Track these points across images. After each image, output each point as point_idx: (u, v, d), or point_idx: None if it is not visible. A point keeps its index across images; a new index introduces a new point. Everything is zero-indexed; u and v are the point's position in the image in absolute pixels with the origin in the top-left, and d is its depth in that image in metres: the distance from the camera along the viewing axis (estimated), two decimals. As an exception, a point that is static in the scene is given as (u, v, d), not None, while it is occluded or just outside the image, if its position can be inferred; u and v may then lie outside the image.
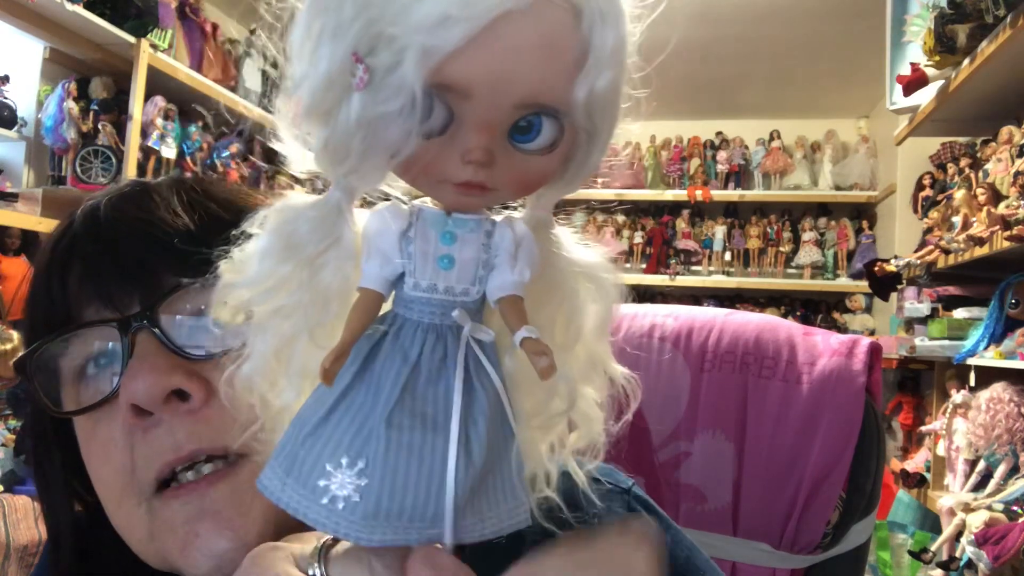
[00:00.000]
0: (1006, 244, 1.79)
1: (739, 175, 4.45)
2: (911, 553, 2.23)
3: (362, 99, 0.31)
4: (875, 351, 0.86)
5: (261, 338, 0.36)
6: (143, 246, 0.54)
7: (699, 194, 4.35)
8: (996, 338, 2.02)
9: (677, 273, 4.40)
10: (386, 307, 0.36)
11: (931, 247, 2.30)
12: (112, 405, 0.53)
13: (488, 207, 0.36)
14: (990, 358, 1.99)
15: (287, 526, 0.48)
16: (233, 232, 0.37)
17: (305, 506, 0.33)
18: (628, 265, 4.42)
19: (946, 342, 2.27)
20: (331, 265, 0.35)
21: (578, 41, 0.31)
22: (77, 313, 0.55)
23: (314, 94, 0.32)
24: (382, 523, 0.32)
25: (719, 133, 4.58)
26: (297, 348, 0.36)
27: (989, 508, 1.86)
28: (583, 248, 0.40)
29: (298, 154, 0.36)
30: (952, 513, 1.98)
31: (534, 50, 0.30)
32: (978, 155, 2.30)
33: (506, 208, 0.39)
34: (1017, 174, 1.88)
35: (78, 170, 2.46)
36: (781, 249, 4.36)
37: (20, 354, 0.56)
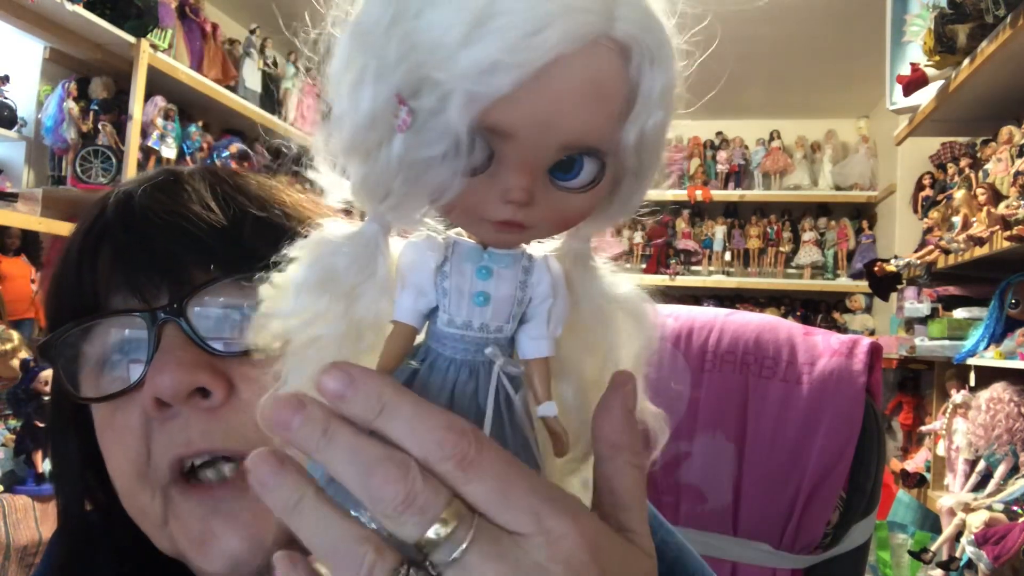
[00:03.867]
0: (1006, 244, 1.79)
1: (739, 175, 4.45)
2: (911, 553, 2.23)
3: (405, 141, 0.30)
4: (875, 351, 0.86)
5: (296, 368, 0.36)
6: (175, 239, 0.54)
7: (699, 194, 4.34)
8: (996, 338, 2.02)
9: (677, 273, 4.40)
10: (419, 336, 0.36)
11: (931, 247, 2.30)
12: (132, 394, 0.53)
13: (526, 242, 0.35)
14: (990, 358, 1.99)
15: None
16: (273, 257, 0.36)
17: None
18: (628, 265, 4.41)
19: (946, 342, 2.27)
20: (366, 297, 0.35)
21: (626, 83, 0.31)
22: (105, 301, 0.55)
23: (356, 133, 0.32)
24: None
25: (719, 133, 4.58)
26: None
27: (989, 508, 1.86)
28: (622, 280, 0.39)
29: (335, 184, 0.36)
30: (952, 513, 1.98)
31: (582, 94, 0.30)
32: (978, 155, 2.30)
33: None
34: (1017, 174, 1.88)
35: (78, 170, 2.46)
36: (781, 249, 4.36)
37: (44, 338, 0.57)
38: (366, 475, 0.31)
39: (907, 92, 2.31)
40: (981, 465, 2.05)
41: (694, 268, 4.47)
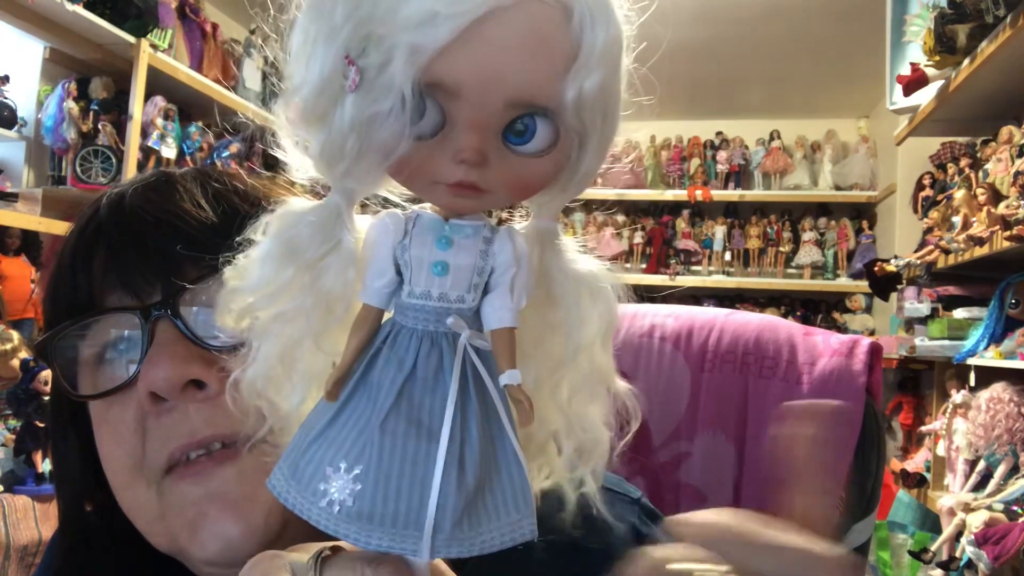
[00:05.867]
0: (1006, 244, 1.79)
1: (739, 175, 4.45)
2: (911, 553, 2.23)
3: (355, 100, 0.31)
4: (875, 351, 0.85)
5: (265, 343, 0.36)
6: (167, 237, 0.55)
7: (699, 194, 4.35)
8: (996, 338, 2.02)
9: (677, 273, 4.40)
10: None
11: (931, 247, 2.30)
12: (127, 390, 0.54)
13: (486, 212, 0.36)
14: (990, 358, 1.99)
15: (295, 515, 0.49)
16: (237, 239, 0.37)
17: (307, 508, 0.34)
18: (628, 265, 4.42)
19: (946, 342, 2.27)
20: (332, 269, 0.35)
21: (568, 40, 0.31)
22: (99, 299, 0.56)
23: (309, 98, 0.32)
24: (377, 528, 0.33)
25: (719, 133, 4.58)
26: (301, 353, 0.36)
27: (989, 508, 1.86)
28: (586, 258, 0.39)
29: (299, 161, 0.36)
30: (952, 513, 1.98)
31: (523, 47, 0.30)
32: (978, 155, 2.30)
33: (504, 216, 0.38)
34: (1017, 174, 1.88)
35: (78, 170, 2.46)
36: (781, 249, 4.36)
37: (41, 338, 0.58)
38: None
39: (907, 92, 2.31)
40: (981, 465, 2.05)
41: (694, 268, 4.47)
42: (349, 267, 0.35)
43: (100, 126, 2.48)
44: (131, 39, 2.45)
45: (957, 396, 2.22)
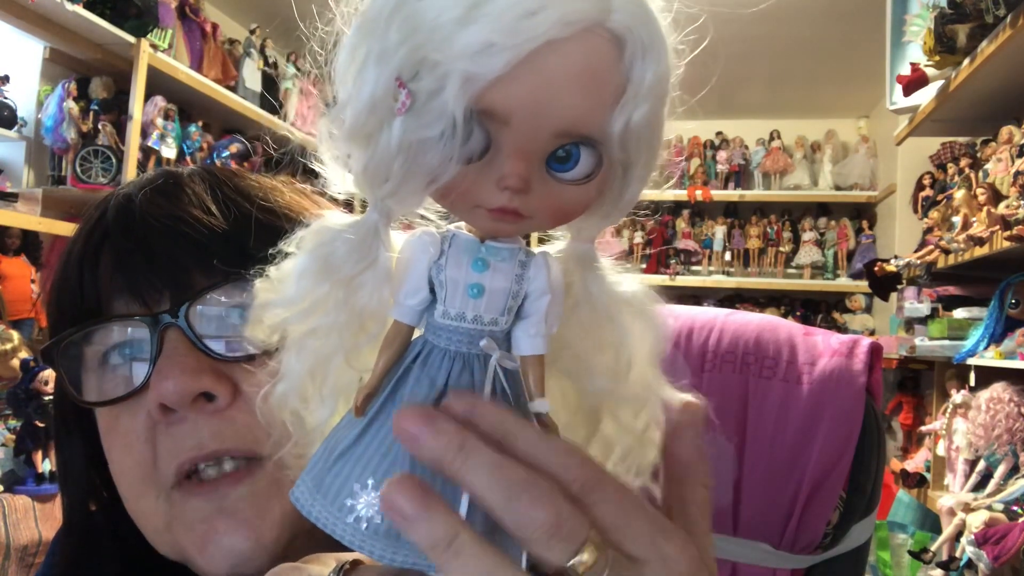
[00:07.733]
0: (1006, 244, 1.79)
1: (739, 175, 4.45)
2: (911, 553, 2.23)
3: (403, 123, 0.31)
4: (875, 351, 0.85)
5: (296, 358, 0.36)
6: (176, 244, 0.54)
7: (699, 194, 4.34)
8: (996, 338, 2.02)
9: (677, 273, 4.40)
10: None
11: (931, 247, 2.30)
12: (136, 397, 0.53)
13: (522, 235, 0.36)
14: (990, 358, 1.99)
15: (303, 529, 0.49)
16: (270, 251, 0.36)
17: (332, 523, 0.34)
18: (628, 265, 4.41)
19: (946, 342, 2.27)
20: (368, 286, 0.35)
21: (619, 73, 0.31)
22: (106, 305, 0.55)
23: (357, 117, 0.32)
24: (403, 545, 0.32)
25: (719, 133, 4.58)
26: (332, 368, 0.36)
27: (989, 508, 1.86)
28: (627, 278, 0.39)
29: (338, 175, 0.36)
30: (952, 513, 1.98)
31: (575, 80, 0.30)
32: (978, 155, 2.30)
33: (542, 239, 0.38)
34: (1017, 174, 1.88)
35: (78, 170, 2.46)
36: (781, 249, 4.36)
37: (47, 343, 0.57)
38: (511, 497, 0.30)
39: (907, 92, 2.31)
40: (981, 465, 2.05)
41: (694, 268, 4.47)
42: (384, 285, 0.35)
43: (100, 126, 2.48)
44: (131, 39, 2.45)
45: (957, 396, 2.22)
